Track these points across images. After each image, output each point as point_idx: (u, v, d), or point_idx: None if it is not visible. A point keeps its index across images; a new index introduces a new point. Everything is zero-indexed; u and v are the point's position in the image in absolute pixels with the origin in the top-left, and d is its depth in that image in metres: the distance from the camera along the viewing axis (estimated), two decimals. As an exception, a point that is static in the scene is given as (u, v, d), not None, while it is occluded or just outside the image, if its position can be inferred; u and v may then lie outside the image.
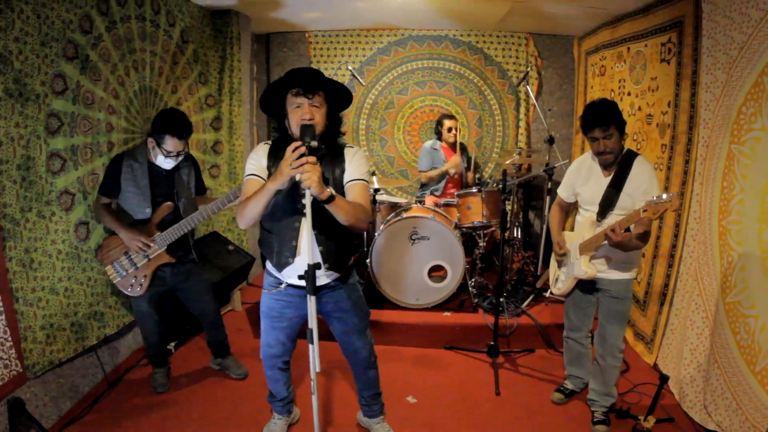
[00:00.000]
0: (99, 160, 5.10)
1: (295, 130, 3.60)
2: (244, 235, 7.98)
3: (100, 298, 5.23)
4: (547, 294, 5.17)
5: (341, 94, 3.77)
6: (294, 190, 3.63)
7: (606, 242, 4.27)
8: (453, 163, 7.96)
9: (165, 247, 4.87)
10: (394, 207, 7.37)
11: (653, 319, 5.77)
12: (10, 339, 4.30)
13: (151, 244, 4.80)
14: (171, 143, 4.65)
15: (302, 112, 3.55)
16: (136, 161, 4.75)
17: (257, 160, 3.77)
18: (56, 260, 4.69)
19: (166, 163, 4.77)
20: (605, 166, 4.47)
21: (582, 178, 4.67)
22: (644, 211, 3.88)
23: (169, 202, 4.84)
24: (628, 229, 4.15)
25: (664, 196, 3.81)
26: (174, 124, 4.64)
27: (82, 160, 4.90)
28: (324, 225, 3.69)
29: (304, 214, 3.60)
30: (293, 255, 3.77)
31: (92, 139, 5.02)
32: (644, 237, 4.25)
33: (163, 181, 4.87)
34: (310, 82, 3.58)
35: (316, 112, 3.57)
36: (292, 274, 3.82)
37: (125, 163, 4.74)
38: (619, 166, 4.38)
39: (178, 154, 4.74)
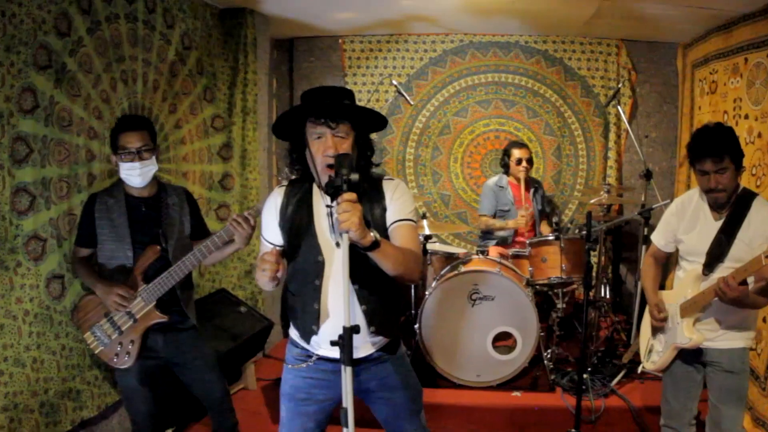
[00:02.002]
0: (77, 197, 5.03)
1: (317, 164, 3.57)
2: (259, 294, 7.94)
3: (76, 372, 5.11)
4: (639, 370, 5.09)
5: (372, 117, 3.73)
6: (312, 241, 3.63)
7: (716, 299, 4.17)
8: (515, 225, 7.95)
9: (153, 303, 4.72)
10: (449, 259, 7.33)
11: (779, 401, 5.67)
12: (-39, 424, 4.25)
13: (131, 296, 4.63)
14: (126, 139, 4.60)
15: (324, 144, 3.52)
16: (111, 197, 4.73)
17: (267, 216, 3.81)
18: (22, 323, 4.58)
19: (131, 176, 4.66)
20: (716, 207, 4.39)
21: (686, 223, 4.59)
22: (766, 257, 3.79)
23: (154, 246, 4.74)
24: (744, 282, 4.08)
25: None
26: (124, 120, 4.74)
27: (55, 197, 4.83)
28: (366, 277, 3.61)
29: (325, 269, 3.62)
30: (316, 322, 3.69)
31: (69, 171, 4.96)
32: (766, 293, 4.14)
33: (145, 218, 4.80)
34: (334, 109, 3.55)
35: (340, 143, 3.53)
36: (321, 344, 3.72)
37: (99, 201, 4.72)
38: (734, 207, 4.30)
39: (140, 154, 4.62)
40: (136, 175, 4.66)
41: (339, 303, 3.59)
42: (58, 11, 4.71)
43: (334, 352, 3.17)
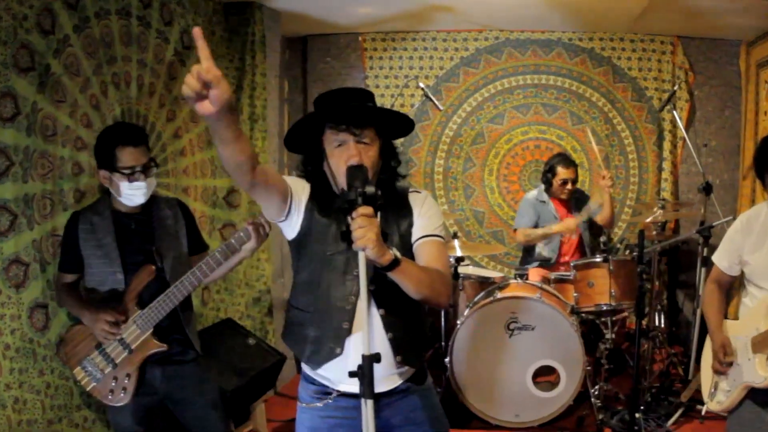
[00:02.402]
0: (63, 215, 4.92)
1: (340, 176, 3.49)
2: (269, 324, 7.94)
3: (62, 413, 5.01)
4: (703, 411, 4.98)
5: (399, 122, 3.69)
6: (349, 248, 3.33)
7: None
8: (566, 226, 7.87)
9: (150, 331, 4.63)
10: (483, 284, 7.29)
11: None
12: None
13: (120, 321, 4.55)
14: (126, 156, 4.50)
15: (347, 153, 3.45)
16: (96, 215, 4.67)
17: (298, 184, 3.64)
18: (3, 359, 4.50)
19: (135, 196, 4.60)
20: None
21: (753, 241, 4.48)
22: None
23: (148, 265, 4.65)
24: None
25: None
26: (116, 132, 4.61)
27: (39, 216, 4.75)
28: (393, 301, 3.54)
29: (362, 285, 3.38)
30: (341, 343, 3.57)
31: (53, 186, 4.89)
32: None
33: (136, 235, 4.74)
34: (356, 112, 3.50)
35: (365, 151, 3.48)
36: (341, 377, 3.53)
37: (82, 220, 4.66)
38: None
39: (145, 171, 4.58)
40: (140, 195, 4.61)
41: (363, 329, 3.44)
42: (41, 6, 4.64)
43: (355, 387, 3.08)
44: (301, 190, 3.62)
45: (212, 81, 2.55)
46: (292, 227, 3.63)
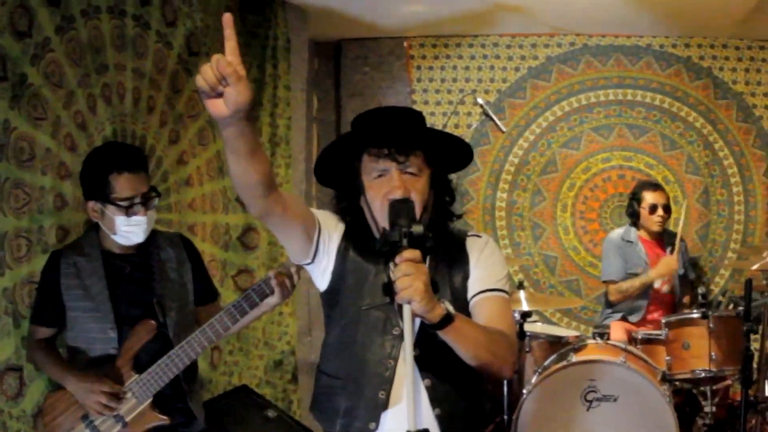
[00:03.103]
0: (41, 258, 4.81)
1: (379, 213, 3.44)
2: (293, 393, 7.90)
3: None
4: None
5: (454, 149, 3.64)
6: (386, 307, 3.41)
7: None
8: (665, 268, 7.78)
9: (149, 400, 4.56)
10: (555, 344, 7.23)
11: None
12: None
13: (122, 398, 4.49)
14: (124, 183, 4.44)
15: (389, 185, 3.38)
16: (81, 256, 4.60)
17: (327, 223, 3.58)
18: None
19: (133, 233, 4.55)
20: None
21: None
22: None
23: (148, 321, 4.57)
24: None
25: None
26: (111, 155, 4.55)
27: (12, 260, 4.67)
28: (441, 368, 3.47)
29: (403, 348, 3.40)
30: (377, 417, 3.50)
31: (30, 223, 4.80)
32: None
33: (133, 284, 4.69)
34: (401, 134, 3.45)
35: (411, 183, 3.40)
36: None
37: (64, 263, 4.58)
38: None
39: (145, 203, 4.52)
40: (140, 231, 4.55)
41: (405, 399, 3.25)
42: (14, 3, 4.54)
43: None
44: (333, 227, 3.58)
45: (231, 77, 2.51)
46: (322, 273, 3.59)
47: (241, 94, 2.55)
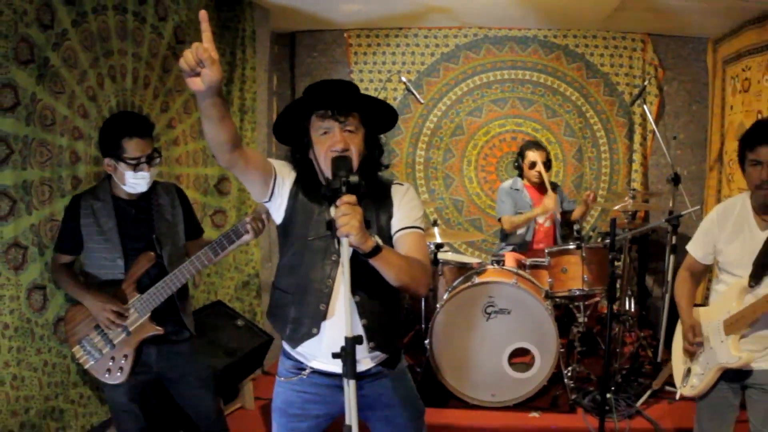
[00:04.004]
0: (60, 201, 4.96)
1: (323, 164, 3.53)
2: (258, 306, 7.96)
3: (59, 390, 5.03)
4: (677, 395, 4.97)
5: (383, 112, 3.72)
6: (330, 238, 3.39)
7: (760, 318, 4.14)
8: (546, 206, 7.82)
9: (148, 315, 4.67)
10: (462, 269, 7.30)
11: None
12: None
13: (128, 313, 4.61)
14: (132, 147, 4.52)
15: (332, 140, 3.49)
16: (97, 200, 4.67)
17: (285, 168, 3.71)
18: (2, 338, 4.54)
19: (138, 185, 4.62)
20: (763, 211, 4.32)
21: (728, 232, 4.49)
22: None
23: (148, 252, 4.69)
24: None
25: None
26: (125, 122, 4.60)
27: (37, 202, 4.78)
28: (368, 288, 3.61)
29: (339, 269, 3.53)
30: (318, 324, 3.64)
31: (52, 174, 4.91)
32: None
33: (136, 222, 4.77)
34: (342, 99, 3.53)
35: (350, 138, 3.52)
36: (316, 354, 3.70)
37: (83, 205, 4.65)
38: None
39: (150, 162, 4.61)
40: (144, 183, 4.65)
41: (339, 313, 3.60)
42: (40, 2, 4.66)
43: (329, 366, 3.31)
44: (286, 174, 3.69)
45: (206, 61, 2.75)
46: (277, 210, 3.71)
47: (214, 74, 2.80)
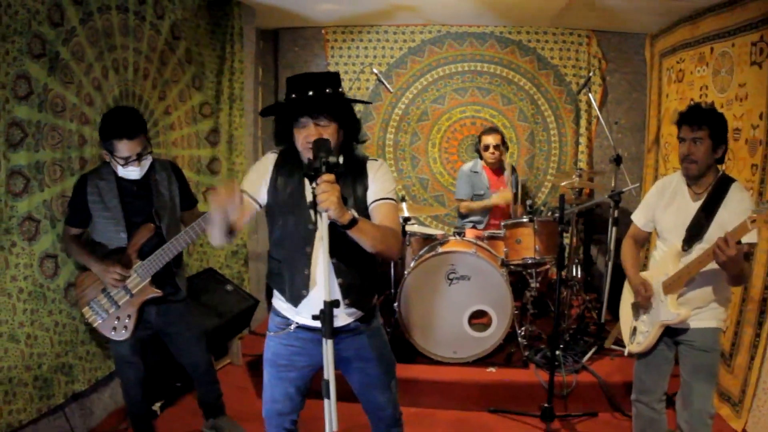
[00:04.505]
0: (69, 179, 5.01)
1: (301, 148, 3.67)
2: (245, 273, 7.98)
3: (68, 348, 5.14)
4: (626, 353, 5.01)
5: (349, 108, 3.81)
6: (303, 210, 3.70)
7: (698, 275, 4.26)
8: (503, 197, 7.89)
9: (149, 279, 4.80)
10: (427, 240, 7.33)
11: (741, 376, 5.67)
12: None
13: (130, 275, 4.74)
14: (122, 147, 4.57)
15: (306, 132, 3.60)
16: (102, 180, 4.73)
17: (256, 172, 3.87)
18: (17, 301, 4.59)
19: (129, 175, 4.70)
20: (692, 183, 4.46)
21: (664, 202, 4.64)
22: (752, 221, 3.78)
23: (148, 224, 4.79)
24: (739, 242, 4.04)
25: None
26: (115, 123, 4.59)
27: (49, 180, 4.84)
28: (344, 253, 3.70)
29: (316, 237, 3.69)
30: (306, 287, 3.77)
31: (62, 155, 4.96)
32: (748, 257, 4.19)
33: (137, 198, 4.83)
34: (312, 104, 3.60)
35: (323, 130, 3.60)
36: (305, 312, 3.80)
37: (90, 183, 4.72)
38: (714, 189, 4.35)
39: (139, 158, 4.66)
40: (135, 174, 4.72)
41: (321, 273, 3.62)
42: (51, 2, 4.68)
43: (312, 322, 3.26)
44: (264, 172, 3.87)
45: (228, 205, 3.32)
46: (263, 198, 3.83)
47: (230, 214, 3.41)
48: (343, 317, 3.85)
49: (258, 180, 3.82)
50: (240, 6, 7.39)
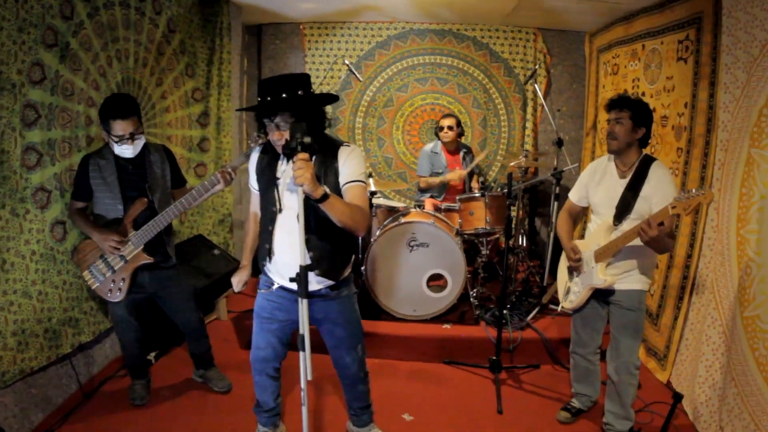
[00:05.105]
0: (77, 155, 5.05)
1: (273, 141, 3.79)
2: (230, 239, 8.02)
3: (75, 303, 5.20)
4: (559, 309, 5.12)
5: (309, 105, 3.81)
6: (270, 195, 3.85)
7: (624, 247, 4.38)
8: (457, 175, 7.87)
9: (142, 247, 4.83)
10: (391, 211, 7.34)
11: (666, 334, 5.77)
12: (-22, 345, 4.30)
13: (125, 244, 4.78)
14: (117, 126, 4.60)
15: (271, 133, 3.74)
16: (102, 158, 4.76)
17: (251, 168, 4.08)
18: (30, 262, 4.65)
19: (125, 151, 4.71)
20: (611, 152, 4.58)
21: (596, 180, 4.74)
22: (673, 207, 3.90)
23: (142, 198, 4.82)
24: (662, 223, 4.11)
25: (693, 190, 3.83)
26: (112, 106, 4.63)
27: (59, 155, 4.87)
28: (316, 228, 3.78)
29: (277, 217, 3.85)
30: (265, 258, 4.02)
31: (71, 133, 5.00)
32: (670, 236, 4.28)
33: (133, 175, 4.85)
34: (271, 108, 3.68)
35: (284, 133, 3.68)
36: (275, 277, 4.04)
37: (92, 162, 4.75)
38: (637, 169, 4.45)
39: (132, 138, 4.68)
40: (128, 152, 4.74)
41: (284, 246, 3.89)
42: (61, -2, 4.78)
43: (289, 283, 3.44)
44: (252, 172, 4.11)
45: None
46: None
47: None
48: (315, 284, 3.98)
49: (252, 174, 4.08)
50: (228, 4, 7.42)
